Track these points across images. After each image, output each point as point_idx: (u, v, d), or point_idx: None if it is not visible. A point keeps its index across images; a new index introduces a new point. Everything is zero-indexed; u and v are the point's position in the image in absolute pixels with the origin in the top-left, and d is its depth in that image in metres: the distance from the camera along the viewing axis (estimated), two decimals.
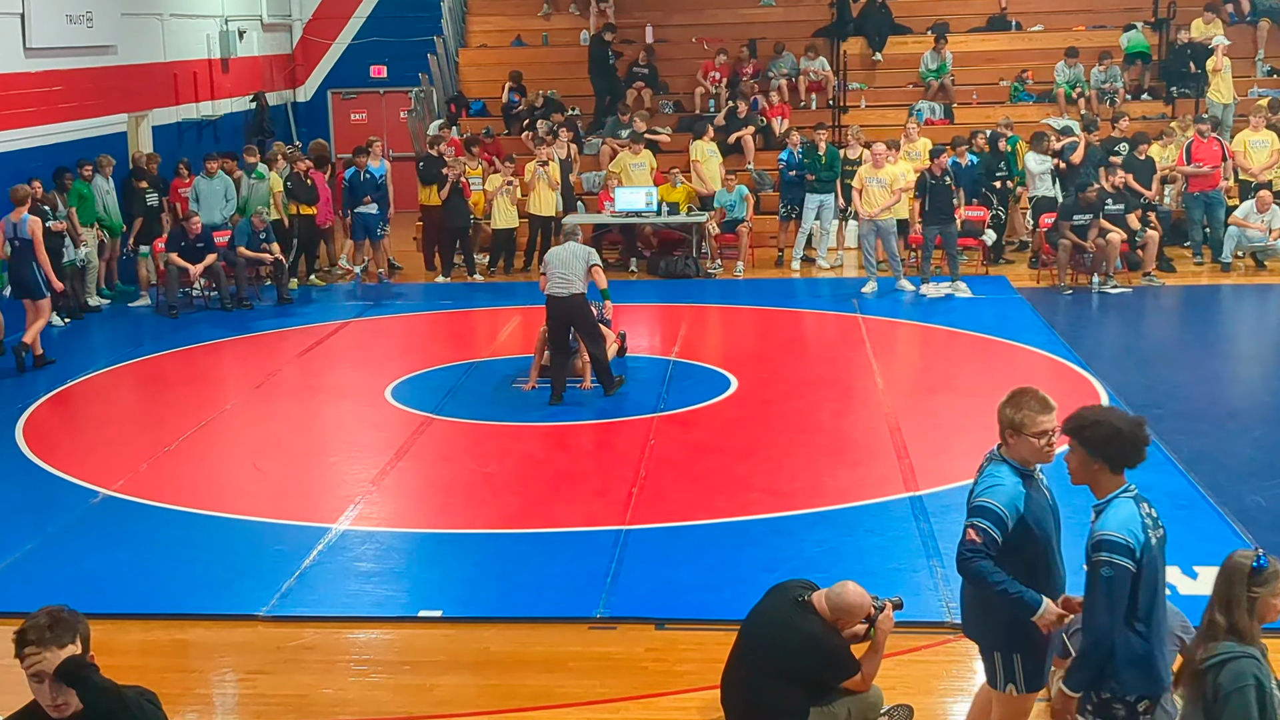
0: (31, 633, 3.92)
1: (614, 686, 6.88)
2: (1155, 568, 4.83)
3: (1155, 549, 4.82)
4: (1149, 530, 4.81)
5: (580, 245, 12.08)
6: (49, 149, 16.03)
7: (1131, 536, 4.75)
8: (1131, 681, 4.84)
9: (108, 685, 3.90)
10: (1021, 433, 5.11)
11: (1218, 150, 17.62)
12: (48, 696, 3.90)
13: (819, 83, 21.53)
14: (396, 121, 23.44)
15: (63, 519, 9.43)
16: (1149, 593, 4.81)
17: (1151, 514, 4.88)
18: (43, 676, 3.89)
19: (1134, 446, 4.86)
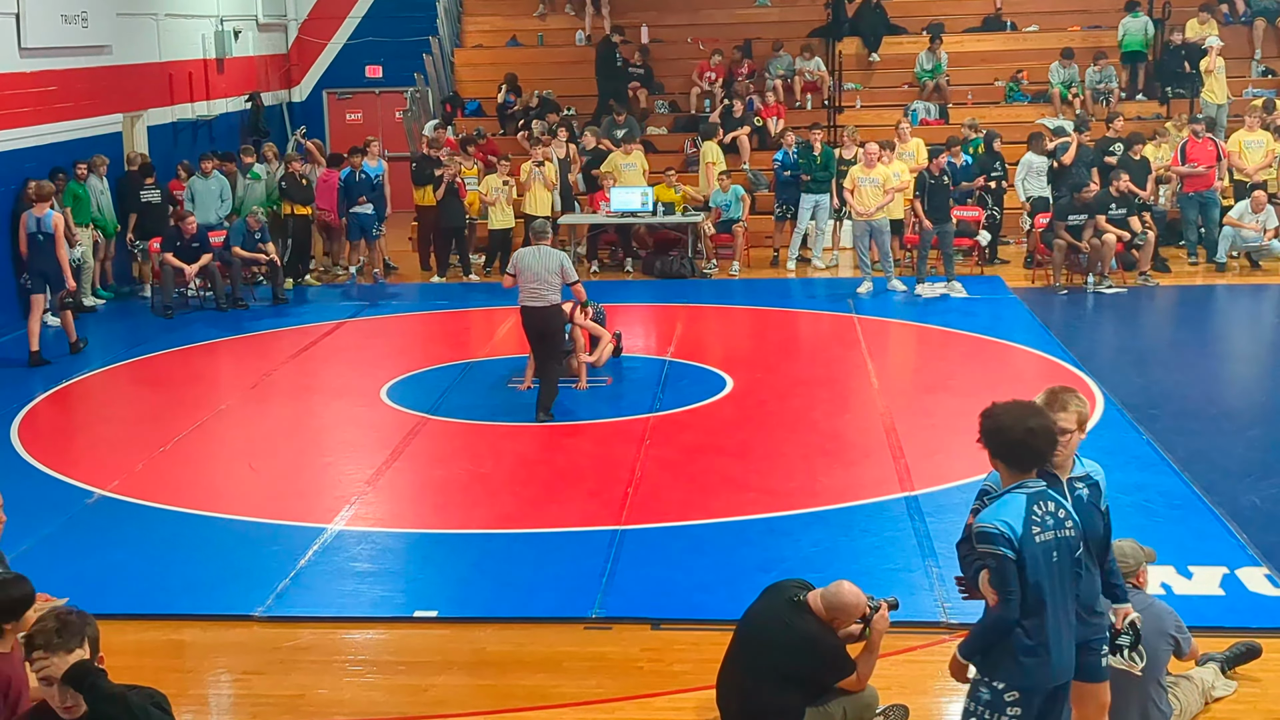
0: (39, 638, 3.93)
1: (610, 687, 6.88)
2: (1037, 565, 4.83)
3: (1039, 548, 4.83)
4: (1034, 527, 4.83)
5: (552, 250, 11.47)
6: (44, 149, 16.01)
7: (1004, 525, 4.82)
8: (1000, 669, 4.91)
9: (114, 692, 3.92)
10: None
11: (1212, 150, 17.64)
12: (57, 699, 3.90)
13: (814, 83, 21.54)
14: (392, 122, 23.44)
15: (58, 519, 9.42)
16: (1034, 591, 4.84)
17: (1056, 515, 4.88)
18: (52, 680, 3.89)
19: (1011, 448, 4.89)
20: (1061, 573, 4.90)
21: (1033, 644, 4.86)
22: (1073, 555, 4.93)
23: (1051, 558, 4.86)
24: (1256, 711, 6.47)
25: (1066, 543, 4.91)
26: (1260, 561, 8.10)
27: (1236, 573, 7.91)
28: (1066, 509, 4.93)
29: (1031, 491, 4.90)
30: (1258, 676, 6.74)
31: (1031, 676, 4.90)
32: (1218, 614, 7.39)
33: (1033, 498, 4.89)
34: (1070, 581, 4.94)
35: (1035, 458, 4.91)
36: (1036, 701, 4.94)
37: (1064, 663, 4.94)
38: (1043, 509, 4.88)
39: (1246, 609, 7.49)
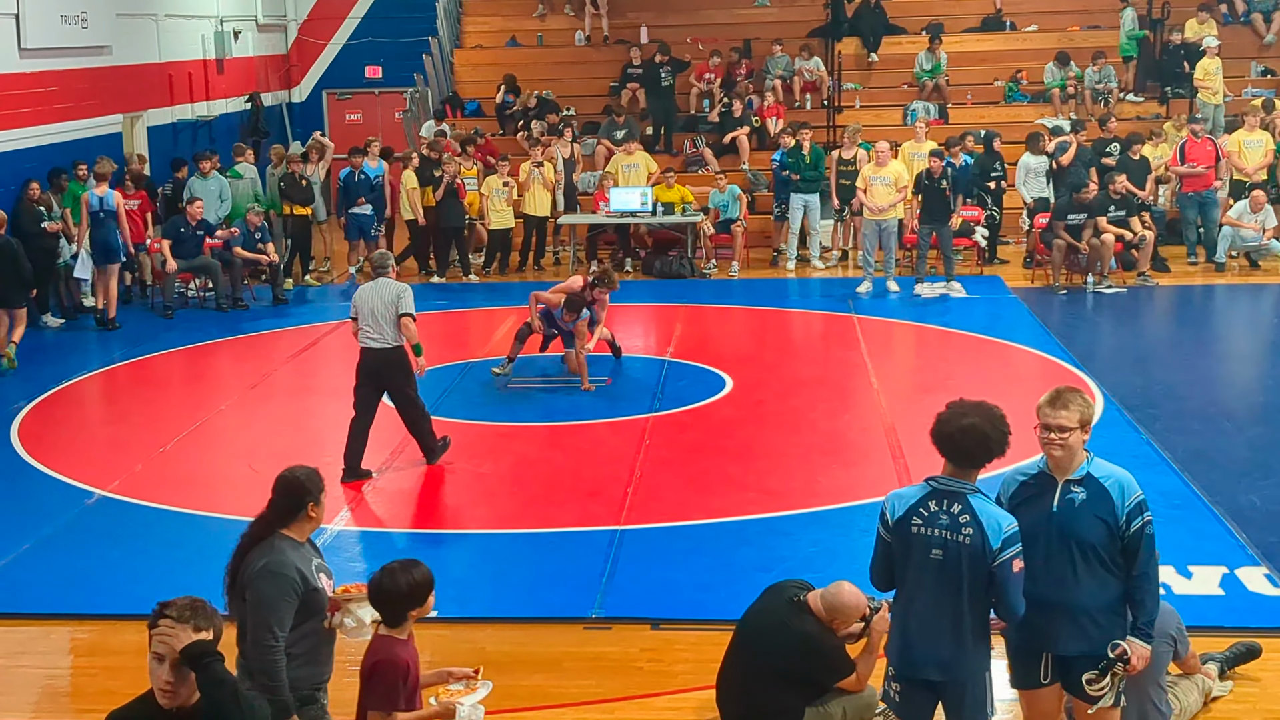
0: (173, 609, 3.93)
1: (609, 687, 6.88)
2: (907, 554, 5.03)
3: (914, 539, 5.01)
4: (915, 518, 5.01)
5: (391, 282, 10.00)
6: (44, 149, 16.02)
7: (890, 506, 5.15)
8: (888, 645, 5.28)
9: (227, 678, 3.92)
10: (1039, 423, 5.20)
11: (1211, 150, 17.65)
12: (162, 677, 3.88)
13: (813, 83, 21.55)
14: (392, 122, 23.44)
15: (58, 520, 9.43)
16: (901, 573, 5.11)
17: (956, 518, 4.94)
18: (164, 656, 3.87)
19: (952, 446, 5.06)
20: (943, 573, 4.97)
21: (899, 629, 5.14)
22: (968, 561, 4.92)
23: (929, 554, 4.99)
24: (1256, 711, 6.48)
25: (956, 547, 4.94)
26: (1260, 561, 8.11)
27: (1236, 572, 7.92)
28: (975, 517, 4.94)
29: (938, 487, 5.06)
30: (1257, 676, 6.75)
31: (899, 659, 5.14)
32: (1217, 614, 7.40)
33: (935, 493, 5.04)
34: (959, 584, 4.95)
35: (960, 455, 5.04)
36: (915, 689, 5.11)
37: (930, 660, 5.01)
38: (939, 506, 4.99)
39: (1246, 609, 7.50)
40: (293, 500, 5.12)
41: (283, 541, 5.10)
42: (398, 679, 5.01)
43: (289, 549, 5.08)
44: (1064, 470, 5.17)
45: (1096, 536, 5.12)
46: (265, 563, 5.01)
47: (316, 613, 5.12)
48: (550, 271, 18.47)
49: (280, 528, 5.13)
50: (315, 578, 5.14)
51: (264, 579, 4.98)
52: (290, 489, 5.14)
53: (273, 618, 4.96)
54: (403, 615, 5.09)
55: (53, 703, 7.05)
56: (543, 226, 18.50)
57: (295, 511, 5.12)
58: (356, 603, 5.19)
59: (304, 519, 5.14)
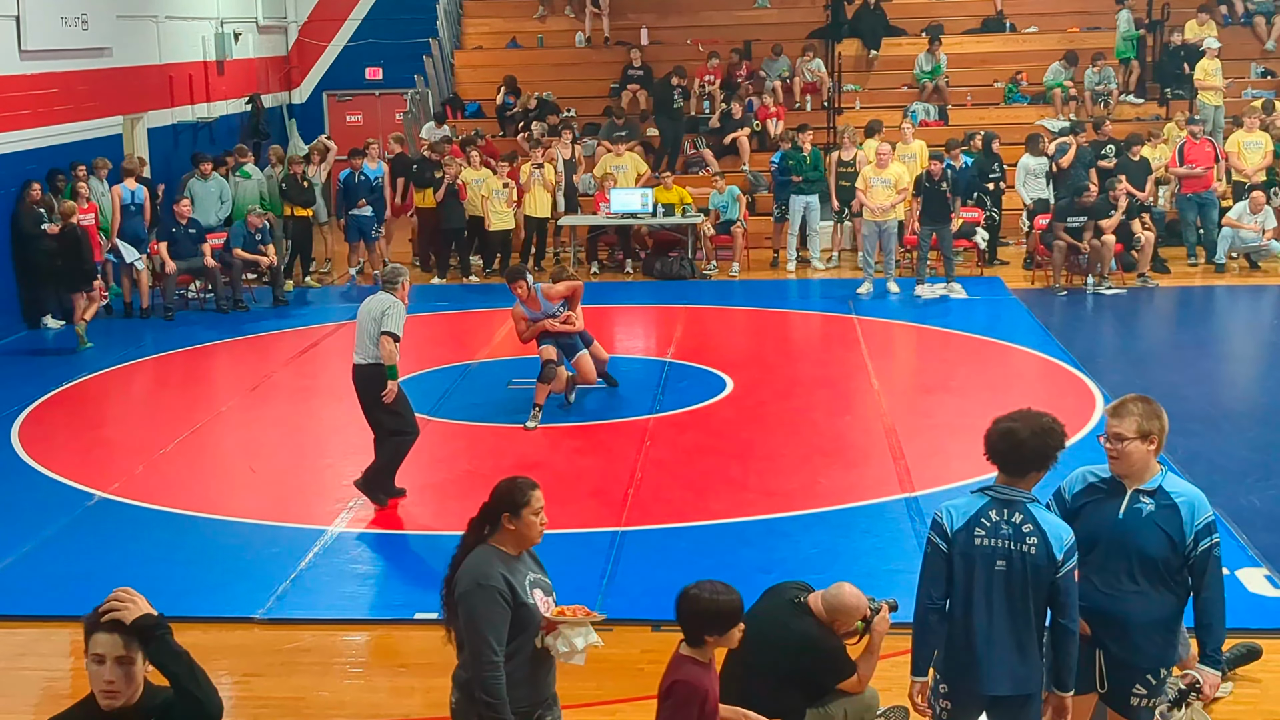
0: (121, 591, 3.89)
1: (610, 688, 6.88)
2: (970, 567, 4.91)
3: (976, 551, 4.89)
4: (977, 529, 4.89)
5: (385, 298, 9.42)
6: (44, 151, 16.02)
7: (946, 517, 4.98)
8: (940, 658, 5.09)
9: (182, 651, 3.87)
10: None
11: (1210, 152, 17.65)
12: (103, 678, 3.83)
13: (814, 84, 21.55)
14: (392, 123, 23.44)
15: (58, 521, 9.43)
16: (963, 587, 4.94)
17: (1018, 527, 4.85)
18: (103, 657, 3.84)
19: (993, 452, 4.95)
20: (1009, 585, 4.88)
21: (958, 643, 4.97)
22: (1032, 572, 4.85)
23: (994, 565, 4.88)
24: (1257, 712, 6.48)
25: (1021, 557, 4.86)
26: (1260, 562, 8.11)
27: (1236, 574, 7.91)
28: (1038, 526, 4.86)
29: (997, 497, 4.94)
30: (1258, 677, 6.75)
31: (956, 675, 4.99)
32: None
33: (994, 503, 4.93)
34: (1024, 596, 4.88)
35: (1002, 461, 4.94)
36: (970, 704, 4.98)
37: (998, 673, 4.90)
38: (1000, 516, 4.89)
39: (1246, 610, 7.49)
40: (492, 510, 5.00)
41: (490, 552, 4.93)
42: (694, 702, 4.84)
43: (496, 560, 4.90)
44: (1133, 479, 5.11)
45: (1158, 551, 5.07)
46: (471, 575, 4.87)
47: (527, 629, 4.89)
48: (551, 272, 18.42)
49: (488, 536, 4.99)
50: (526, 592, 4.91)
51: (471, 592, 4.82)
52: (492, 498, 5.02)
53: (488, 630, 4.77)
54: (700, 637, 4.92)
55: (53, 705, 7.01)
56: (543, 228, 18.50)
57: (496, 522, 4.98)
58: (571, 626, 5.00)
59: (503, 530, 4.96)
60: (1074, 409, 11.30)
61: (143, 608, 3.83)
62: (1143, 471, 5.10)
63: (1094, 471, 5.24)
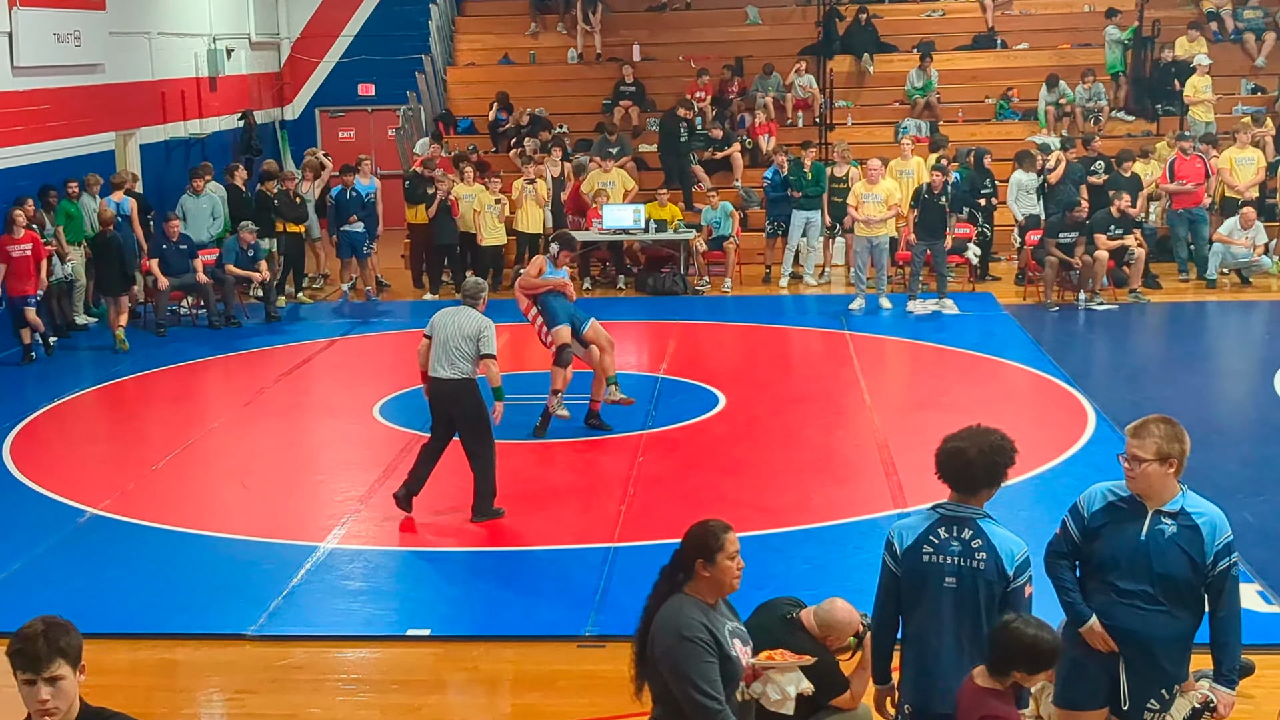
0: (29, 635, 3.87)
1: (603, 705, 6.87)
2: (919, 584, 4.93)
3: (926, 568, 4.91)
4: (926, 546, 4.91)
5: (475, 316, 9.45)
6: (36, 167, 16.01)
7: (898, 536, 5.04)
8: (902, 683, 5.17)
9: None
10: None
11: (1200, 168, 17.72)
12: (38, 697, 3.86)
13: (806, 100, 21.61)
14: (385, 140, 23.47)
15: (50, 538, 9.41)
16: (913, 604, 4.99)
17: (967, 544, 4.87)
18: (34, 680, 3.85)
19: (948, 473, 4.98)
20: (959, 600, 4.90)
21: (915, 662, 5.01)
22: (983, 587, 4.87)
23: (943, 582, 4.90)
24: None
25: (971, 573, 4.88)
26: (1253, 578, 8.12)
27: None
28: (988, 542, 4.88)
29: (946, 514, 4.97)
30: (1251, 693, 6.75)
31: (918, 695, 5.01)
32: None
33: (944, 520, 4.96)
34: (975, 612, 4.89)
35: (951, 479, 4.98)
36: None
37: (950, 692, 4.87)
38: (949, 533, 4.91)
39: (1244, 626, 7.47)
40: (685, 556, 4.69)
41: (688, 602, 4.68)
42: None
43: (695, 609, 4.66)
44: (1153, 500, 5.11)
45: (1181, 571, 5.10)
46: (671, 628, 4.61)
47: (730, 682, 4.68)
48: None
49: (684, 586, 4.72)
50: (728, 643, 4.70)
51: (674, 647, 4.58)
52: (685, 544, 4.71)
53: (702, 681, 4.54)
54: (1008, 670, 4.71)
55: None
56: (535, 243, 18.50)
57: (689, 570, 4.69)
58: (781, 672, 4.86)
59: (699, 578, 4.68)
60: (1066, 425, 11.32)
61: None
62: (1162, 492, 5.10)
63: (1114, 490, 5.21)
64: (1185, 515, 5.12)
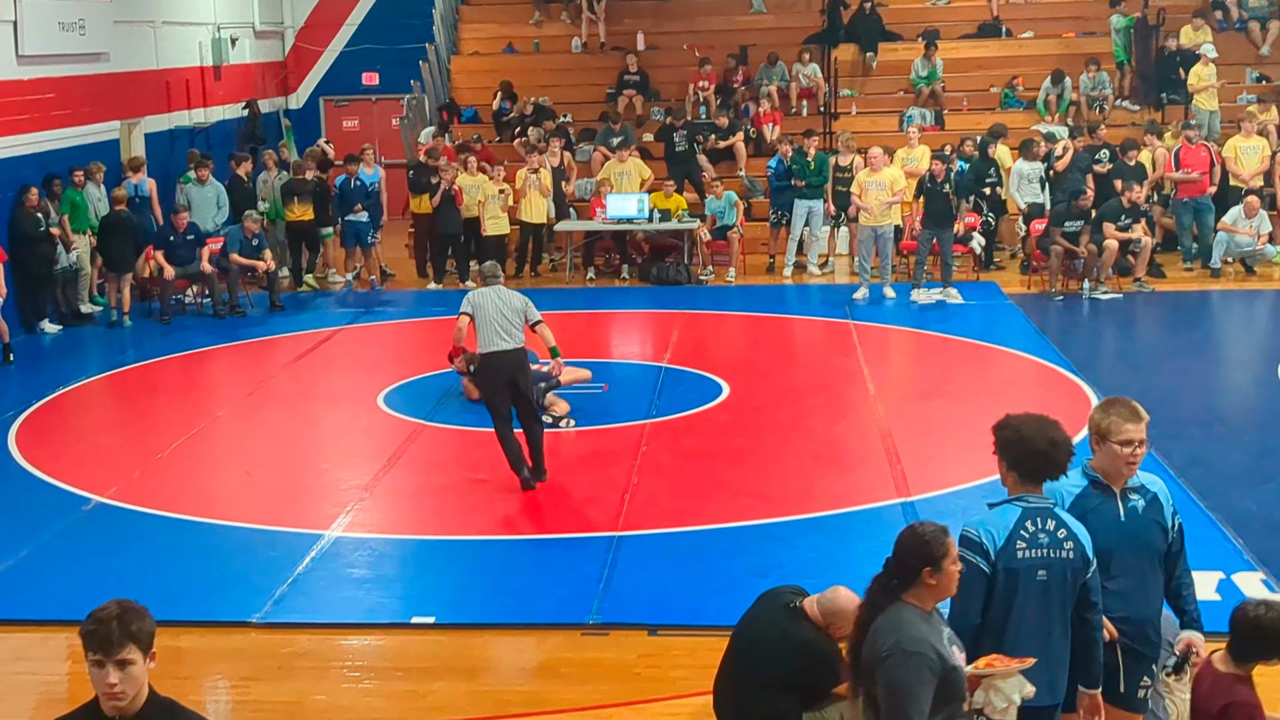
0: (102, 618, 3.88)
1: (606, 692, 6.89)
2: (1012, 582, 4.80)
3: (1020, 564, 4.79)
4: (1019, 542, 4.78)
5: (511, 291, 10.12)
6: (41, 156, 16.02)
7: (986, 535, 4.81)
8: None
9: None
10: (1106, 440, 5.07)
11: (1205, 156, 17.68)
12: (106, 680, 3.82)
13: (810, 89, 21.59)
14: (389, 129, 23.46)
15: (55, 526, 9.43)
16: (1005, 603, 4.82)
17: (1054, 535, 4.81)
18: (104, 661, 3.81)
19: (1032, 459, 4.87)
20: (1048, 593, 4.84)
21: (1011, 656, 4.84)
22: (1070, 577, 4.85)
23: (1035, 576, 4.82)
24: None
25: (1061, 564, 4.83)
26: (1256, 566, 8.12)
27: (1232, 578, 7.93)
28: (1070, 530, 4.85)
29: (1029, 507, 4.87)
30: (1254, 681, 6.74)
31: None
32: (1214, 619, 7.32)
33: (1028, 513, 4.85)
34: (1062, 602, 4.87)
35: (1054, 469, 4.90)
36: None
37: (1046, 684, 4.84)
38: (1036, 526, 4.83)
39: None
40: (908, 564, 4.51)
41: (911, 613, 4.47)
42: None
43: (920, 621, 4.46)
44: (1121, 481, 5.12)
45: (1159, 542, 5.16)
46: (896, 640, 4.40)
47: (959, 695, 4.50)
48: (547, 278, 18.48)
49: (902, 594, 4.51)
50: (949, 652, 4.50)
51: (896, 660, 4.37)
52: (906, 550, 4.52)
53: (910, 703, 4.35)
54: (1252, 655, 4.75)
55: (49, 709, 7.02)
56: (539, 233, 18.52)
57: (910, 577, 4.49)
58: (1004, 678, 4.67)
59: (921, 585, 4.48)
60: (1070, 414, 11.26)
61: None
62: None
63: (1069, 488, 5.14)
64: (1143, 489, 5.16)
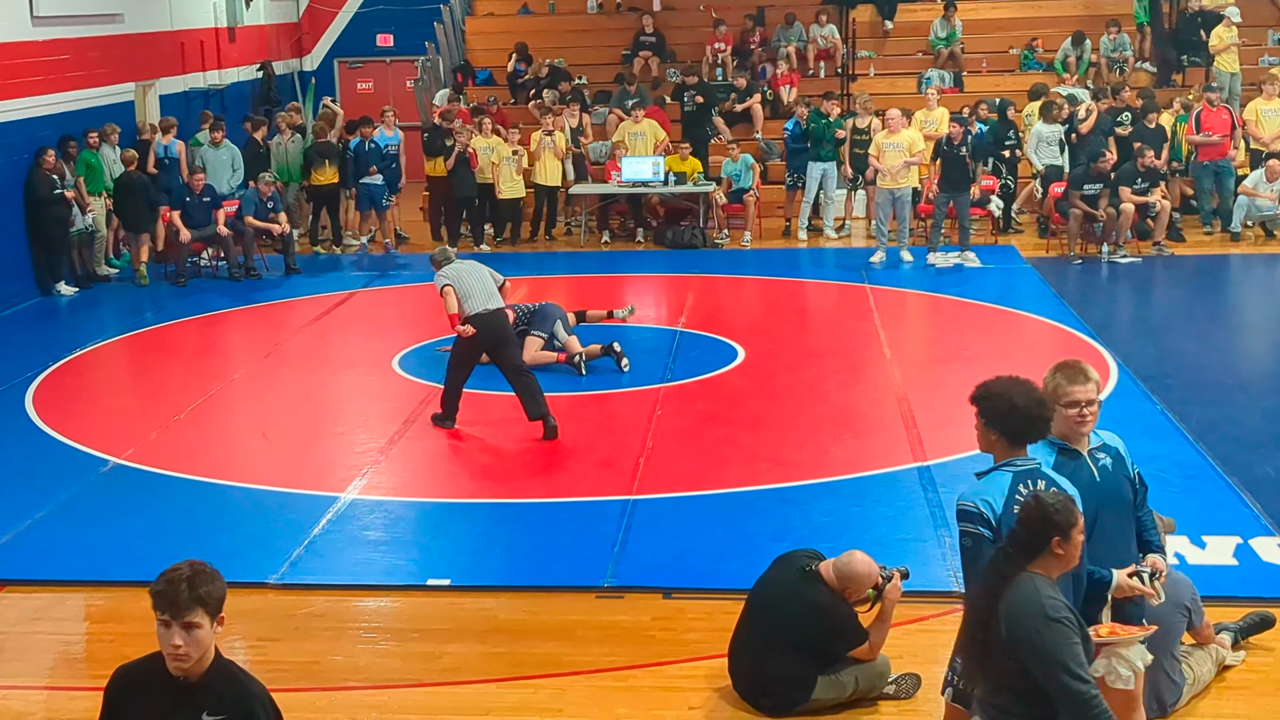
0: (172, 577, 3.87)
1: (621, 655, 6.90)
2: None
3: None
4: (1016, 506, 4.74)
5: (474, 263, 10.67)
6: (56, 118, 16.00)
7: (984, 505, 4.81)
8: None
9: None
10: (1056, 403, 5.07)
11: (1226, 119, 17.52)
12: (172, 641, 3.81)
13: (828, 50, 21.43)
14: (403, 91, 23.37)
15: (72, 487, 9.46)
16: None
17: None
18: (170, 622, 3.82)
19: (1028, 423, 4.87)
20: None
21: None
22: None
23: None
24: (1269, 681, 6.47)
25: None
26: (1274, 531, 8.09)
27: (1250, 543, 7.91)
28: (1061, 488, 4.84)
29: (1018, 470, 4.87)
30: (1271, 646, 6.74)
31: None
32: (1231, 584, 7.38)
33: (1019, 476, 4.86)
34: None
35: (1044, 427, 4.91)
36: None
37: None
38: (1029, 488, 4.83)
39: (1260, 579, 7.48)
40: (1035, 534, 4.46)
41: (1042, 583, 4.43)
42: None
43: (1051, 589, 4.43)
44: (1085, 442, 5.15)
45: (1131, 494, 5.22)
46: (1032, 610, 4.35)
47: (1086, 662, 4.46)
48: (562, 242, 18.44)
49: (1026, 564, 4.46)
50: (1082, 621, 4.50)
51: (1041, 631, 4.32)
52: (1033, 521, 4.47)
53: (1072, 662, 4.29)
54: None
55: (67, 669, 7.09)
56: (554, 196, 18.46)
57: (1039, 548, 4.45)
58: (1127, 645, 4.68)
59: (1049, 555, 4.46)
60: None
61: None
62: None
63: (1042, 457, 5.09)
64: (1105, 447, 5.20)
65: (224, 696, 3.89)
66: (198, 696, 3.87)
